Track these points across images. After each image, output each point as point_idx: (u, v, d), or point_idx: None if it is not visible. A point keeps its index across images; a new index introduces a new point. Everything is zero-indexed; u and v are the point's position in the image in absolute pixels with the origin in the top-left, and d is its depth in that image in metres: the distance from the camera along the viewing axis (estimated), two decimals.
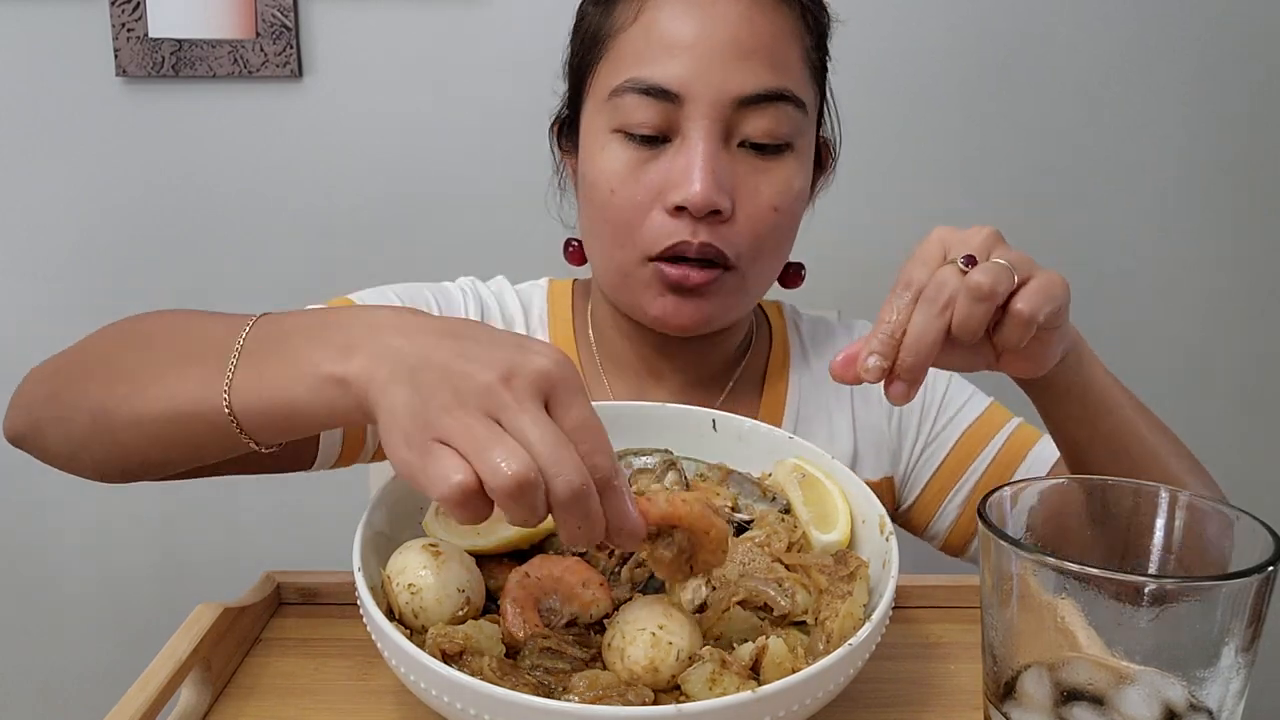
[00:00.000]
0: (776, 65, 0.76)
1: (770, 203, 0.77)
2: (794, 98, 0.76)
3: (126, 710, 0.53)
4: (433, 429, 0.47)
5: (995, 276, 0.58)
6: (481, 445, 0.46)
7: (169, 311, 0.68)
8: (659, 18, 0.76)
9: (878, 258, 1.48)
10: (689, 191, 0.73)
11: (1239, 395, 1.56)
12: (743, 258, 0.77)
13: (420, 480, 0.47)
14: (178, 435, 0.61)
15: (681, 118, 0.75)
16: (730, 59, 0.74)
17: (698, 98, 0.74)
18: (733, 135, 0.76)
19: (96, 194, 1.45)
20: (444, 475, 0.46)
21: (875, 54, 1.41)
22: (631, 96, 0.76)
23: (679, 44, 0.75)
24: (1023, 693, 0.46)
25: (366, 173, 1.45)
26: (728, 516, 0.64)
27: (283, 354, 0.56)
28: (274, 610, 0.71)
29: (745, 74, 0.74)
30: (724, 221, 0.76)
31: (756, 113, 0.75)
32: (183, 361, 0.60)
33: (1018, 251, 0.62)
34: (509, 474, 0.45)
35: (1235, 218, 1.50)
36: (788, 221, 0.80)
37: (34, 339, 1.56)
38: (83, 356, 0.68)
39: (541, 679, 0.52)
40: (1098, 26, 1.43)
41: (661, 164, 0.76)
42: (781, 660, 0.53)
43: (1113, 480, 0.51)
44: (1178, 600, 0.42)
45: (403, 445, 0.48)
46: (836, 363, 0.60)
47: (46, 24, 1.40)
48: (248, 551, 1.54)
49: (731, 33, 0.74)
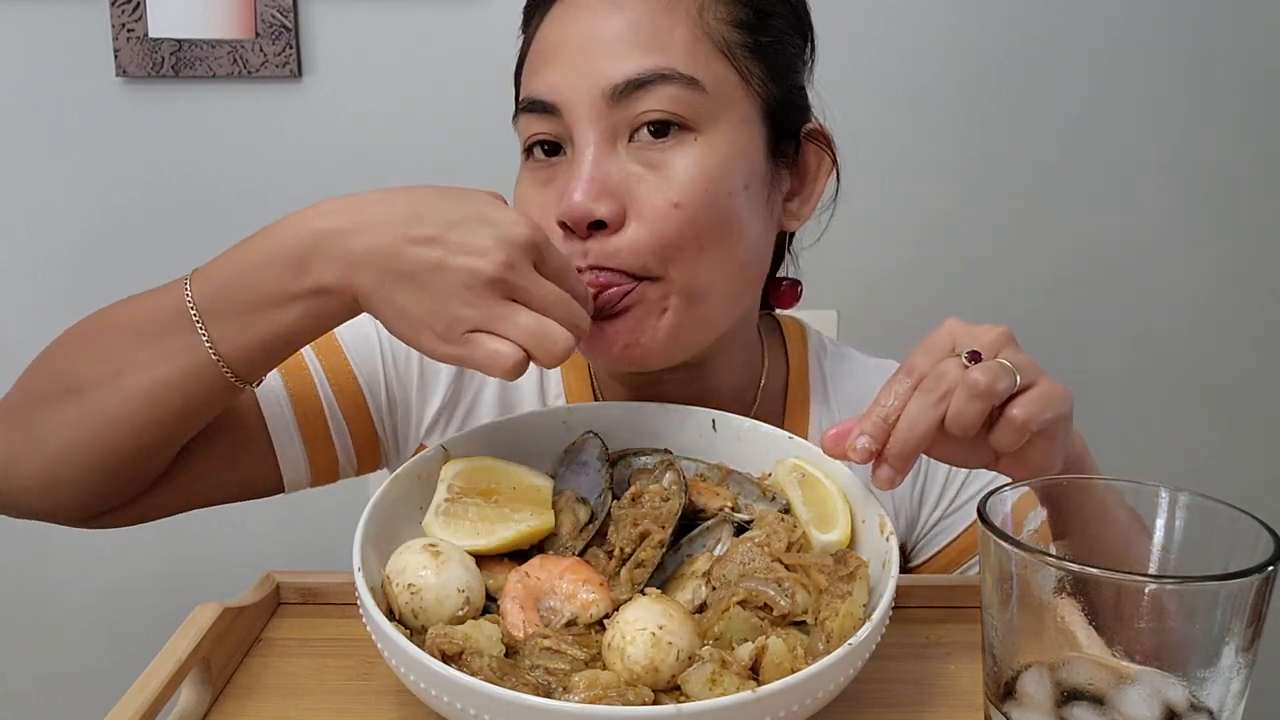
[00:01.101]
0: (652, 46, 0.69)
1: (668, 199, 0.68)
2: (680, 76, 0.68)
3: (126, 710, 0.53)
4: (465, 323, 0.57)
5: (995, 376, 0.56)
6: (525, 329, 0.57)
7: (92, 315, 0.70)
8: (544, 31, 0.73)
9: (877, 258, 1.48)
10: (565, 205, 0.68)
11: (1238, 395, 1.56)
12: (652, 266, 0.69)
13: (473, 366, 0.58)
14: (168, 408, 0.65)
15: (565, 126, 0.70)
16: (598, 51, 0.69)
17: (570, 101, 0.69)
18: (620, 134, 0.69)
19: (96, 194, 1.45)
20: (500, 360, 0.57)
21: (875, 54, 1.41)
22: (524, 118, 0.73)
23: (553, 51, 0.71)
24: (1023, 693, 0.46)
25: (366, 173, 1.44)
26: (727, 516, 0.64)
27: (247, 296, 0.61)
28: (274, 610, 0.71)
29: (613, 63, 0.68)
30: (613, 232, 0.68)
31: (637, 102, 0.68)
32: (143, 343, 0.64)
33: (1026, 356, 0.60)
34: (562, 347, 0.58)
35: (1235, 218, 1.50)
36: (706, 216, 0.69)
37: (34, 339, 1.56)
38: (33, 383, 0.69)
39: (541, 679, 0.52)
40: (1097, 27, 1.43)
41: (558, 182, 0.71)
42: (781, 660, 0.53)
43: (1113, 480, 0.51)
44: (1178, 600, 0.43)
45: (439, 343, 0.58)
46: (828, 436, 0.60)
47: (46, 24, 1.40)
48: (248, 551, 1.54)
49: (600, 25, 0.70)
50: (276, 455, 0.79)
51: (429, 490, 0.64)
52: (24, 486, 0.68)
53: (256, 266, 0.61)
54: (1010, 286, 1.49)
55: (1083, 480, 0.53)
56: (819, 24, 0.81)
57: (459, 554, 0.58)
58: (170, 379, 0.63)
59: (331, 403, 0.81)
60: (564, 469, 0.67)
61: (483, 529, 0.61)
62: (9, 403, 0.70)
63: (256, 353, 0.63)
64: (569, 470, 0.67)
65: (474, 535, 0.61)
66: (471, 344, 0.57)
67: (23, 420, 0.68)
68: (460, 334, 0.57)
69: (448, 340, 0.58)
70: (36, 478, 0.68)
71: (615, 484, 0.67)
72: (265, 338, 0.62)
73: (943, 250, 1.48)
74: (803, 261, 0.89)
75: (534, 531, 0.61)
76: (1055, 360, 1.47)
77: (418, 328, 0.58)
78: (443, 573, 0.56)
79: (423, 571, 0.56)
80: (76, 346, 0.69)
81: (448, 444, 0.66)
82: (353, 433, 0.83)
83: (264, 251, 0.61)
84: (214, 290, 0.62)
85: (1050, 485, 0.53)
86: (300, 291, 0.60)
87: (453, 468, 0.64)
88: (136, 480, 0.70)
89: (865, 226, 1.44)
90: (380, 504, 0.62)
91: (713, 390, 0.79)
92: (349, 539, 0.58)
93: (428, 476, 0.65)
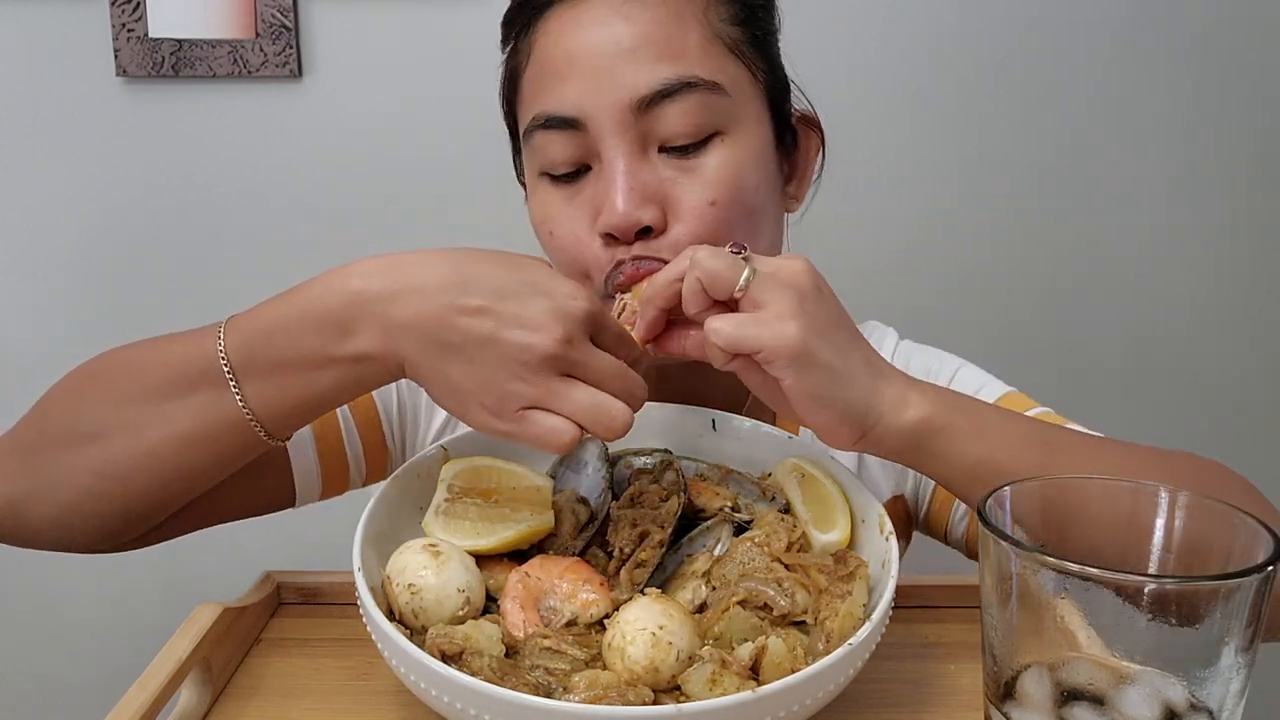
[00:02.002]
0: (670, 54, 0.69)
1: (705, 199, 0.70)
2: (703, 82, 0.70)
3: (126, 710, 0.53)
4: (520, 399, 0.55)
5: (714, 261, 0.56)
6: (582, 406, 0.56)
7: (110, 353, 0.68)
8: (545, 46, 0.73)
9: (874, 258, 1.48)
10: (610, 217, 0.69)
11: (1236, 394, 1.56)
12: None
13: (527, 443, 0.56)
14: (196, 462, 0.63)
15: (591, 141, 0.70)
16: (618, 64, 0.69)
17: (596, 115, 0.69)
18: (649, 142, 0.71)
19: (96, 194, 1.45)
20: (555, 437, 0.55)
21: (871, 53, 1.41)
22: (540, 135, 0.72)
23: (566, 65, 0.71)
24: (1023, 693, 0.46)
25: (366, 173, 1.44)
26: (727, 516, 0.64)
27: (284, 355, 0.59)
28: (274, 610, 0.71)
29: (636, 74, 0.69)
30: (659, 235, 0.70)
31: (663, 110, 0.69)
32: (171, 394, 0.62)
33: (798, 292, 0.57)
34: (621, 422, 0.56)
35: (1233, 218, 1.50)
36: (738, 212, 0.72)
37: (34, 339, 1.56)
38: (46, 423, 0.67)
39: (541, 679, 0.52)
40: (1095, 26, 1.43)
41: (587, 193, 0.72)
42: (781, 660, 0.53)
43: (1113, 480, 0.51)
44: (1178, 600, 0.42)
45: (491, 418, 0.56)
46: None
47: (46, 24, 1.40)
48: (248, 551, 1.54)
49: (613, 35, 0.70)
50: (293, 472, 0.79)
51: (429, 490, 0.64)
52: (36, 529, 0.67)
53: (292, 325, 0.58)
54: (1007, 286, 1.49)
55: (1081, 479, 0.53)
56: (817, 23, 0.82)
57: (459, 554, 0.58)
58: (200, 434, 0.62)
59: (347, 417, 0.81)
60: (564, 469, 0.67)
61: (483, 529, 0.61)
62: (20, 440, 0.68)
63: (291, 414, 0.61)
64: (569, 470, 0.67)
65: (474, 535, 0.61)
66: (526, 421, 0.56)
67: (36, 462, 0.66)
68: (514, 410, 0.56)
69: (499, 416, 0.56)
70: (50, 520, 0.67)
71: (615, 484, 0.67)
72: (302, 399, 0.60)
73: (940, 250, 1.48)
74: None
75: (534, 531, 0.62)
76: (1053, 360, 1.49)
77: (467, 402, 0.56)
78: (443, 573, 0.56)
79: (423, 571, 0.56)
80: (96, 388, 0.66)
81: (448, 444, 0.66)
82: (365, 445, 0.83)
83: (301, 309, 0.58)
84: (249, 346, 0.60)
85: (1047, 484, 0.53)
86: (341, 356, 0.58)
87: (453, 468, 0.64)
88: (156, 518, 0.69)
89: (863, 226, 1.44)
90: (380, 504, 0.62)
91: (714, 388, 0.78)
92: (349, 539, 0.58)
93: (428, 476, 0.65)
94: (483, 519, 0.62)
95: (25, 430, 0.68)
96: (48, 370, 0.71)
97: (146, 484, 0.64)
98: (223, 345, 0.60)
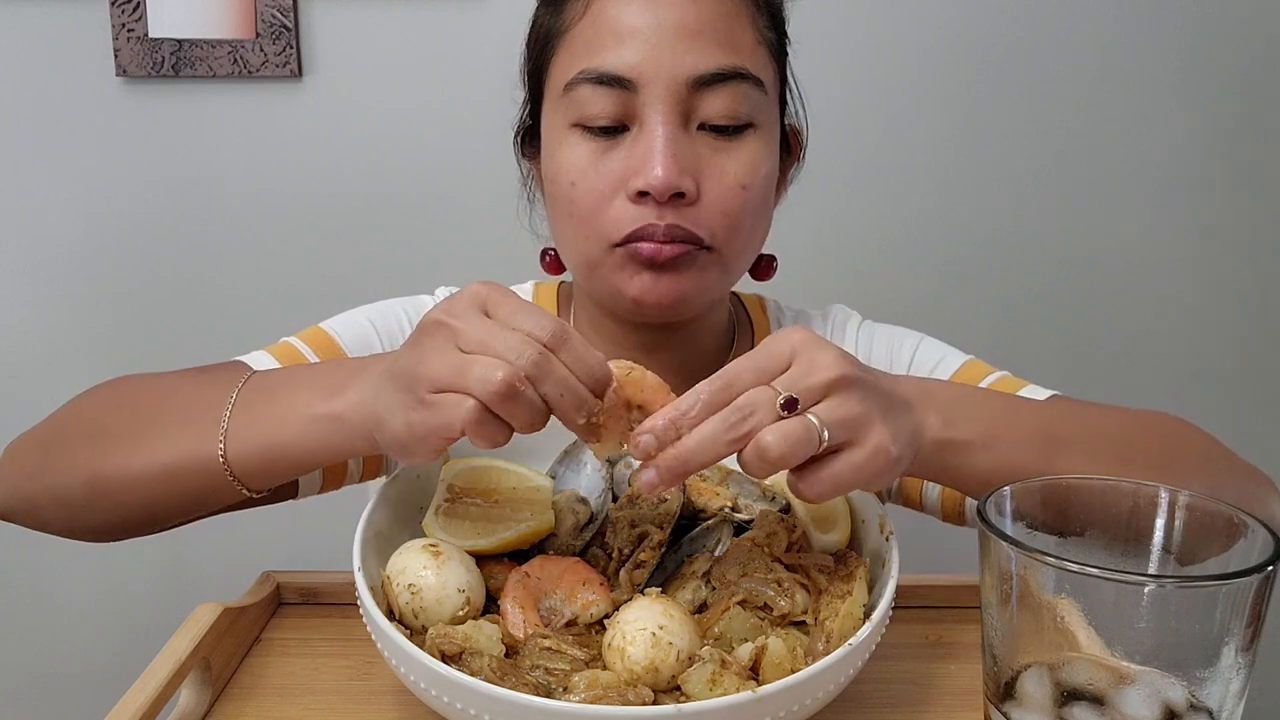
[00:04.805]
0: (729, 44, 0.75)
1: (737, 181, 0.75)
2: (751, 76, 0.75)
3: (126, 710, 0.53)
4: (422, 384, 0.53)
5: (792, 446, 0.52)
6: (459, 367, 0.52)
7: (150, 375, 0.73)
8: (606, 8, 0.75)
9: (866, 255, 1.48)
10: (651, 176, 0.72)
11: (1235, 394, 1.56)
12: (717, 237, 0.76)
13: (440, 430, 0.52)
14: (174, 490, 0.66)
15: (638, 104, 0.74)
16: (681, 41, 0.73)
17: (651, 82, 0.73)
18: (691, 118, 0.75)
19: (96, 194, 1.45)
20: (451, 417, 0.52)
21: (866, 51, 1.40)
22: (586, 88, 0.74)
23: (628, 31, 0.74)
24: (1023, 693, 0.46)
25: (366, 173, 1.45)
26: (727, 516, 0.64)
27: (272, 403, 0.62)
28: (274, 610, 0.71)
29: (698, 55, 0.73)
30: (690, 204, 0.74)
31: (713, 93, 0.74)
32: (178, 422, 0.65)
33: (856, 404, 0.54)
34: (498, 380, 0.51)
35: (1230, 217, 1.50)
36: (758, 200, 0.77)
37: (34, 339, 1.56)
38: (66, 426, 0.71)
39: (541, 679, 0.52)
40: (1089, 25, 1.43)
41: (621, 152, 0.75)
42: (781, 660, 0.53)
43: (1113, 480, 0.51)
44: (1178, 600, 0.43)
45: (404, 429, 0.54)
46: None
47: (46, 24, 1.40)
48: (248, 551, 1.54)
49: (680, 15, 0.74)
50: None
51: (429, 490, 0.64)
52: (50, 521, 0.71)
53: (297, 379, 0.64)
54: (1005, 285, 1.49)
55: (1081, 479, 0.53)
56: (816, 21, 0.83)
57: (459, 554, 0.58)
58: (179, 466, 0.64)
59: None
60: (563, 469, 0.67)
61: (483, 529, 0.61)
62: (38, 437, 0.72)
63: (255, 454, 0.63)
64: (568, 470, 0.67)
65: (474, 535, 0.61)
66: (431, 407, 0.53)
67: (50, 460, 0.70)
68: (421, 397, 0.54)
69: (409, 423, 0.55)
70: (59, 518, 0.70)
71: (615, 484, 0.67)
72: (265, 443, 0.62)
73: (937, 249, 1.48)
74: (796, 262, 0.89)
75: (534, 531, 0.62)
76: (1051, 360, 1.48)
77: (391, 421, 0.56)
78: (443, 573, 0.56)
79: (423, 571, 0.56)
80: (112, 408, 0.71)
81: None
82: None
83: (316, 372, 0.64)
84: (256, 390, 0.64)
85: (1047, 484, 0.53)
86: (319, 414, 0.60)
87: (453, 468, 0.64)
88: (152, 530, 0.71)
89: (859, 226, 1.44)
90: (380, 504, 0.62)
91: (696, 354, 0.85)
92: (349, 539, 0.58)
93: (428, 476, 0.65)
94: (483, 519, 0.62)
95: (47, 427, 0.72)
96: (47, 369, 0.71)
97: (136, 502, 0.67)
98: (239, 390, 0.64)
